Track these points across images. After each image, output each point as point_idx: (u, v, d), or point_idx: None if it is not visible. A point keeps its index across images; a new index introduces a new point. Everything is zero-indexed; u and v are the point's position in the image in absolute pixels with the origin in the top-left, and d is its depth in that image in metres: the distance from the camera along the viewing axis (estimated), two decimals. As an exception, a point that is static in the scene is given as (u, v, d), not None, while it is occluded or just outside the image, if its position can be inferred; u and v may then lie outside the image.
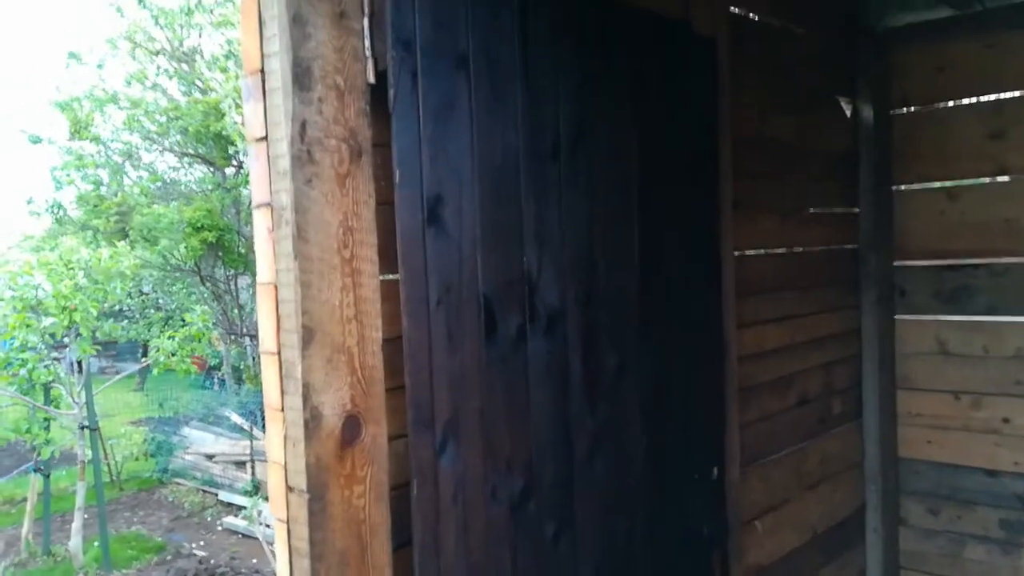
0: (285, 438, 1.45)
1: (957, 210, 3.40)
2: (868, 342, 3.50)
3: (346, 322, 1.46)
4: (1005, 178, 3.31)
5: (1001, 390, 3.34)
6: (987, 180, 3.37)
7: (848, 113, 3.39)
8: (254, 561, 7.35)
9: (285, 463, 1.45)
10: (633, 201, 2.13)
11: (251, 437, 9.33)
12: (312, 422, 1.41)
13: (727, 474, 2.55)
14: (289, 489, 1.45)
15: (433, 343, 1.60)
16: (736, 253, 2.64)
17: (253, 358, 11.89)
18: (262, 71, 1.41)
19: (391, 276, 1.57)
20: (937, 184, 3.47)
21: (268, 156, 1.42)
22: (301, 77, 1.37)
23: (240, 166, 10.72)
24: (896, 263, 3.55)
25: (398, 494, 1.57)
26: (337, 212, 1.44)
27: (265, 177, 1.43)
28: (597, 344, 2.01)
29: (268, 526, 7.00)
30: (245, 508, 8.29)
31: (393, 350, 1.56)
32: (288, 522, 1.46)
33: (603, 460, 2.03)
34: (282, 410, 1.46)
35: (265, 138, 1.43)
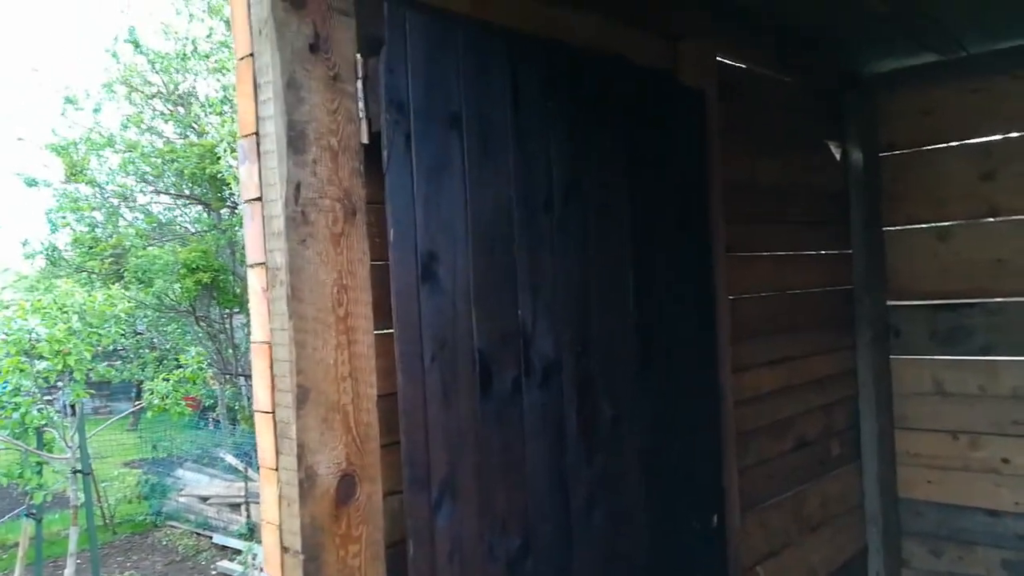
0: (280, 498, 1.43)
1: (950, 250, 3.43)
2: (864, 383, 3.50)
3: (341, 380, 1.46)
4: (994, 219, 3.35)
5: (999, 430, 3.33)
6: (979, 221, 3.40)
7: (838, 157, 3.43)
8: (248, 607, 7.23)
9: (280, 523, 1.44)
10: (626, 250, 2.14)
11: (246, 479, 9.21)
12: (307, 482, 1.40)
13: (727, 520, 2.53)
14: (284, 550, 1.44)
15: (428, 399, 1.60)
16: (731, 297, 2.65)
17: (248, 398, 11.80)
18: (257, 134, 1.43)
19: (386, 331, 1.57)
20: (928, 224, 3.50)
21: (263, 216, 1.43)
22: (295, 140, 1.38)
23: (235, 207, 10.75)
24: (890, 303, 3.57)
25: (393, 552, 1.55)
26: (331, 271, 1.44)
27: (260, 237, 1.44)
28: (593, 394, 2.00)
29: (262, 570, 6.88)
30: (240, 552, 8.17)
31: (388, 406, 1.55)
32: (283, 584, 1.44)
33: (601, 511, 2.01)
34: (276, 469, 1.44)
35: (260, 199, 1.44)
